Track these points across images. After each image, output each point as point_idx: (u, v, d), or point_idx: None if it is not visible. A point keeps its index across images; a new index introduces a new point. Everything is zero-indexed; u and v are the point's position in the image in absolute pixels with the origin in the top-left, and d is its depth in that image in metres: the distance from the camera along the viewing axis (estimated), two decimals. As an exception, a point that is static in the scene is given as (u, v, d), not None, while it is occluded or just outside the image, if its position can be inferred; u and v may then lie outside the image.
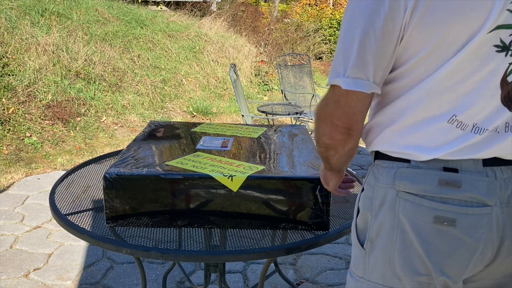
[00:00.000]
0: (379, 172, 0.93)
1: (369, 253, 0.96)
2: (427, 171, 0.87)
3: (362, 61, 0.83)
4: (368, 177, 0.97)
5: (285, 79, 5.45)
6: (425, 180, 0.87)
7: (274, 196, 1.22)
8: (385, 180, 0.92)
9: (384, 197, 0.91)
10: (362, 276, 0.98)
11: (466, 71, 0.83)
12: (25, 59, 5.16)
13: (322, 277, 2.50)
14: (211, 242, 1.34)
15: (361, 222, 0.97)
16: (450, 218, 0.85)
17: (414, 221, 0.88)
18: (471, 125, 0.86)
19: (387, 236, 0.91)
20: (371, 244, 0.95)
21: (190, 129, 1.72)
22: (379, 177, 0.93)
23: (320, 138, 0.94)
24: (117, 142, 4.89)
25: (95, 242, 1.19)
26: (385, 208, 0.91)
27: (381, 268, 0.94)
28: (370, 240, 0.95)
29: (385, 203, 0.91)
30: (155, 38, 7.07)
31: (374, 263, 0.95)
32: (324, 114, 0.91)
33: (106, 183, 1.20)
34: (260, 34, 9.41)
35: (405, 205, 0.88)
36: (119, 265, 2.54)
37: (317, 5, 15.45)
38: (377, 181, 0.93)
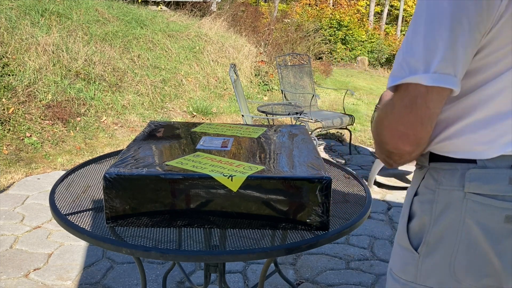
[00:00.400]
0: (439, 175, 0.89)
1: (424, 257, 0.93)
2: (497, 171, 0.84)
3: (453, 54, 0.75)
4: (424, 181, 0.93)
5: (285, 79, 5.45)
6: (496, 180, 0.84)
7: (274, 196, 1.22)
8: (449, 182, 0.88)
9: (448, 200, 0.88)
10: (412, 280, 0.95)
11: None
12: (25, 59, 5.16)
13: (322, 277, 2.50)
14: (211, 242, 1.34)
15: (416, 226, 0.94)
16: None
17: (484, 222, 0.85)
18: None
19: (449, 239, 0.89)
20: (427, 248, 0.92)
21: (190, 129, 1.72)
22: (441, 180, 0.89)
23: (383, 145, 0.89)
24: (117, 142, 4.89)
25: (95, 242, 1.19)
26: (450, 211, 0.88)
27: (439, 272, 0.91)
28: (426, 244, 0.92)
29: (450, 206, 0.87)
30: (155, 38, 7.07)
31: (430, 268, 0.92)
32: (389, 121, 0.83)
33: (106, 183, 1.20)
34: (260, 34, 9.41)
35: (474, 207, 0.85)
36: (119, 265, 2.54)
37: (317, 5, 15.46)
38: (439, 184, 0.89)
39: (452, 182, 0.87)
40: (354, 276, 2.53)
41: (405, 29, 21.48)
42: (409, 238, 0.95)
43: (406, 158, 0.89)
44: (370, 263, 2.67)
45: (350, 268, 2.61)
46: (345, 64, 13.05)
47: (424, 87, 0.76)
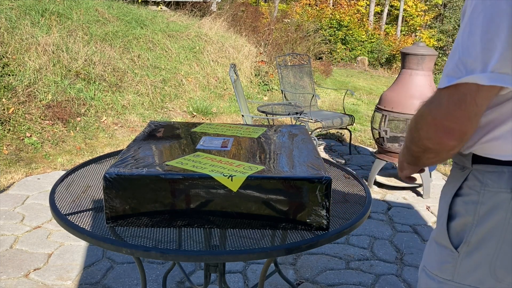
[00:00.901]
0: (484, 177, 0.90)
1: (465, 257, 0.94)
2: None
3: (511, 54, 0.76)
4: (468, 182, 0.94)
5: (285, 79, 5.45)
6: None
7: (274, 196, 1.22)
8: (496, 184, 0.88)
9: (495, 202, 0.89)
10: (450, 278, 0.97)
11: None
12: (25, 59, 5.16)
13: (322, 277, 2.50)
14: (211, 242, 1.34)
15: (458, 226, 0.95)
16: None
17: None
18: None
19: (493, 240, 0.90)
20: (468, 247, 0.93)
21: (190, 129, 1.72)
22: (487, 182, 0.90)
23: (421, 140, 0.89)
24: (117, 142, 4.89)
25: (95, 242, 1.19)
26: (496, 212, 0.89)
27: (479, 271, 0.93)
28: (467, 244, 0.93)
29: (497, 207, 0.88)
30: (155, 38, 7.07)
31: (471, 267, 0.94)
32: (434, 116, 0.83)
33: (106, 183, 1.20)
34: (260, 34, 9.41)
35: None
36: (119, 265, 2.54)
37: (317, 5, 15.46)
38: (484, 186, 0.90)
39: (500, 184, 0.88)
40: (354, 276, 2.53)
41: (405, 29, 21.49)
42: (449, 237, 0.96)
43: (443, 156, 0.90)
44: (370, 263, 2.67)
45: (350, 268, 2.61)
46: (345, 64, 13.05)
47: (475, 85, 0.77)
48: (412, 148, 0.94)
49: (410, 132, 0.92)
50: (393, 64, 14.02)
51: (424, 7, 22.27)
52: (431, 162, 0.95)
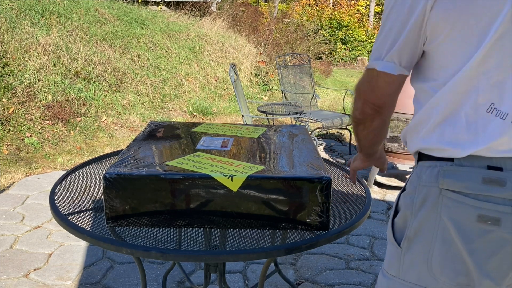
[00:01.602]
0: (421, 172, 0.95)
1: (405, 252, 0.96)
2: (471, 169, 0.87)
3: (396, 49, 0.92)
4: (410, 177, 0.99)
5: (285, 79, 5.45)
6: (469, 178, 0.87)
7: (274, 196, 1.22)
8: (427, 178, 0.93)
9: (426, 196, 0.92)
10: (396, 275, 0.99)
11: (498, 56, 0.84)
12: (25, 59, 5.16)
13: (322, 277, 2.50)
14: (211, 242, 1.34)
15: (400, 221, 0.98)
16: (494, 217, 0.85)
17: (457, 219, 0.87)
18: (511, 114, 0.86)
19: (426, 235, 0.92)
20: (408, 243, 0.95)
21: (190, 129, 1.72)
22: (422, 176, 0.94)
23: (354, 112, 1.03)
24: (117, 142, 4.89)
25: (95, 242, 1.19)
26: (427, 207, 0.91)
27: (418, 267, 0.94)
28: (407, 239, 0.95)
29: (427, 201, 0.91)
30: (155, 38, 7.07)
31: (410, 262, 0.95)
32: (358, 92, 1.00)
33: (106, 183, 1.20)
34: (260, 34, 9.41)
35: (448, 204, 0.88)
36: (119, 265, 2.54)
37: (317, 5, 15.46)
38: (420, 180, 0.94)
39: (430, 178, 0.92)
40: (354, 276, 2.53)
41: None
42: (393, 233, 1.00)
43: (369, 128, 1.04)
44: (370, 263, 2.67)
45: (350, 268, 2.61)
46: (345, 64, 13.05)
47: (375, 70, 0.95)
48: (353, 128, 1.09)
49: (351, 109, 1.06)
50: None
51: (424, 7, 22.25)
52: (365, 138, 1.08)
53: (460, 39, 0.86)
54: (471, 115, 0.88)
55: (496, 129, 0.86)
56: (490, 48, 0.84)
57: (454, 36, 0.87)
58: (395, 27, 0.91)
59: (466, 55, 0.86)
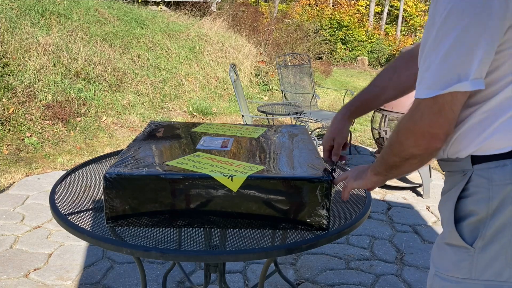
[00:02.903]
0: (489, 173, 0.93)
1: (480, 251, 0.95)
2: None
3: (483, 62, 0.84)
4: (472, 182, 0.96)
5: (285, 79, 5.45)
6: None
7: (274, 196, 1.22)
8: (502, 177, 0.91)
9: (504, 194, 0.91)
10: (467, 276, 0.97)
11: None
12: (25, 59, 5.17)
13: (322, 277, 2.50)
14: (211, 242, 1.34)
15: (472, 224, 0.97)
16: None
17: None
18: None
19: (507, 231, 0.92)
20: (483, 241, 0.95)
21: (190, 129, 1.72)
22: (493, 177, 0.92)
23: (407, 150, 0.96)
24: (117, 142, 4.89)
25: (95, 242, 1.19)
26: (507, 204, 0.91)
27: (497, 264, 0.94)
28: (482, 238, 0.94)
29: (507, 199, 0.91)
30: (155, 38, 7.07)
31: (488, 260, 0.95)
32: (418, 127, 0.91)
33: (106, 183, 1.20)
34: (260, 34, 9.41)
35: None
36: (119, 265, 2.54)
37: (317, 5, 15.45)
38: (491, 181, 0.92)
39: (505, 177, 0.91)
40: (354, 276, 2.53)
41: (405, 29, 21.49)
42: (462, 236, 0.97)
43: (425, 159, 0.97)
44: (370, 263, 2.67)
45: (350, 268, 2.61)
46: (345, 64, 13.05)
47: (450, 95, 0.85)
48: (391, 159, 1.01)
49: (391, 146, 1.00)
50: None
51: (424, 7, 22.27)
52: (412, 168, 1.01)
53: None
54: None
55: None
56: None
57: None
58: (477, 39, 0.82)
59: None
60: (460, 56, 0.83)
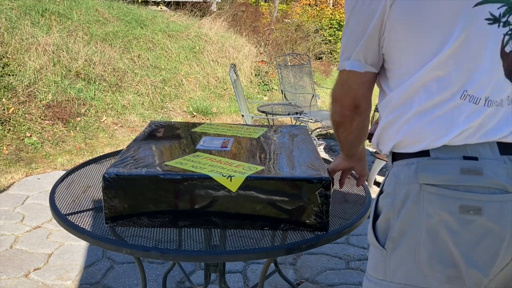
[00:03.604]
0: (398, 171, 0.95)
1: (391, 253, 0.95)
2: (448, 161, 0.88)
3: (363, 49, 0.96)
4: (387, 179, 0.99)
5: (285, 79, 5.45)
6: (447, 170, 0.87)
7: (274, 196, 1.22)
8: (406, 176, 0.92)
9: (406, 194, 0.91)
10: (383, 278, 0.97)
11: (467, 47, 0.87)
12: (25, 59, 5.16)
13: (322, 277, 2.50)
14: (211, 242, 1.34)
15: (382, 223, 0.97)
16: (476, 207, 0.85)
17: (440, 212, 0.87)
18: (483, 99, 0.88)
19: (411, 233, 0.91)
20: (392, 243, 0.94)
21: (191, 129, 1.72)
22: (399, 175, 0.94)
23: (333, 116, 1.08)
24: (117, 142, 4.89)
25: (95, 242, 1.19)
26: (409, 204, 0.91)
27: (405, 266, 0.93)
28: (392, 240, 0.94)
29: (408, 199, 0.91)
30: (155, 38, 7.07)
31: (397, 263, 0.94)
32: (334, 96, 1.05)
33: (105, 183, 1.20)
34: (260, 34, 9.41)
35: (430, 198, 0.88)
36: (119, 265, 2.54)
37: (317, 5, 15.44)
38: (398, 179, 0.94)
39: (409, 175, 0.92)
40: (354, 276, 2.53)
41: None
42: (376, 236, 0.99)
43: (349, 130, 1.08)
44: (370, 263, 2.67)
45: (350, 268, 2.61)
46: (345, 64, 13.02)
47: (345, 72, 0.99)
48: (334, 131, 1.14)
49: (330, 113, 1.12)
50: None
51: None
52: (346, 138, 1.12)
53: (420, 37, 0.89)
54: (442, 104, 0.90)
55: (469, 114, 0.88)
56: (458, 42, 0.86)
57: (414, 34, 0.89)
58: (358, 27, 0.95)
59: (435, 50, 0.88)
60: (349, 43, 0.98)
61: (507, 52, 0.87)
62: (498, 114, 0.90)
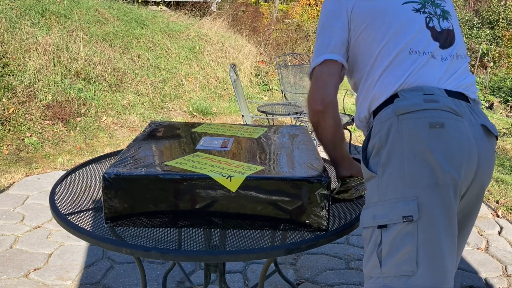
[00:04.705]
0: (380, 116, 1.19)
1: (381, 176, 1.13)
2: (413, 94, 1.17)
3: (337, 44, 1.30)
4: (373, 128, 1.21)
5: (285, 79, 5.45)
6: (415, 100, 1.15)
7: (273, 196, 1.22)
8: (386, 116, 1.17)
9: (389, 126, 1.15)
10: (377, 200, 1.14)
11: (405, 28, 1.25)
12: (25, 59, 5.17)
13: (322, 277, 2.50)
14: (211, 242, 1.34)
15: (375, 158, 1.18)
16: (440, 122, 1.11)
17: (416, 130, 1.11)
18: (423, 52, 1.23)
19: (396, 154, 1.11)
20: (382, 168, 1.14)
21: (191, 129, 1.72)
22: (381, 118, 1.18)
23: (310, 120, 1.33)
24: (117, 142, 4.89)
25: (95, 242, 1.19)
26: (392, 134, 1.14)
27: (394, 183, 1.11)
28: (381, 166, 1.14)
29: (391, 129, 1.14)
30: (155, 38, 7.07)
31: (387, 182, 1.12)
32: (308, 100, 1.31)
33: (105, 183, 1.20)
34: (260, 34, 9.41)
35: (406, 123, 1.13)
36: (119, 265, 2.54)
37: (317, 5, 15.43)
38: (380, 121, 1.18)
39: (388, 114, 1.18)
40: (354, 276, 2.53)
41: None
42: (369, 168, 1.18)
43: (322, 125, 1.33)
44: (370, 263, 2.67)
45: (350, 268, 2.61)
46: (345, 64, 13.02)
47: (318, 67, 1.29)
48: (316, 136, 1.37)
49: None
50: None
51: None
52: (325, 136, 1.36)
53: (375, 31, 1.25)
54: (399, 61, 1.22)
55: (417, 60, 1.22)
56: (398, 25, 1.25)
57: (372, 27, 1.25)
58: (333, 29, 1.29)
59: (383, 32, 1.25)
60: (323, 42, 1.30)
61: (430, 26, 1.26)
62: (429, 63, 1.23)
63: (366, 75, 1.27)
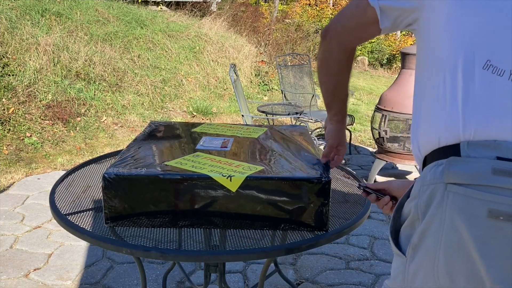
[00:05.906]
0: (426, 173, 0.86)
1: (410, 261, 0.87)
2: (479, 160, 0.78)
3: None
4: (415, 184, 0.90)
5: (285, 79, 5.45)
6: (477, 168, 0.77)
7: (274, 196, 1.22)
8: (432, 177, 0.83)
9: (431, 195, 0.82)
10: (401, 286, 0.90)
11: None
12: (25, 59, 5.17)
13: (322, 277, 2.50)
14: (211, 242, 1.34)
15: (407, 229, 0.90)
16: (508, 212, 0.73)
17: (465, 216, 0.77)
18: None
19: (432, 238, 0.81)
20: (413, 250, 0.86)
21: (191, 129, 1.72)
22: (426, 176, 0.84)
23: (318, 57, 1.14)
24: (117, 142, 4.89)
25: (95, 242, 1.19)
26: (432, 207, 0.81)
27: (424, 274, 0.84)
28: (412, 246, 0.86)
29: (433, 201, 0.81)
30: (155, 38, 7.07)
31: (416, 270, 0.86)
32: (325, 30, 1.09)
33: (105, 183, 1.20)
34: (260, 34, 9.41)
35: (455, 199, 0.78)
36: (119, 265, 2.54)
37: (317, 5, 15.43)
38: (424, 181, 0.85)
39: (435, 175, 0.82)
40: (354, 276, 2.53)
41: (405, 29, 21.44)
42: (400, 244, 0.92)
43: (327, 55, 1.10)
44: (370, 263, 2.67)
45: (350, 268, 2.61)
46: (345, 64, 13.01)
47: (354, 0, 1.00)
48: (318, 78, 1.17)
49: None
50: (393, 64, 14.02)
51: (424, 7, 22.24)
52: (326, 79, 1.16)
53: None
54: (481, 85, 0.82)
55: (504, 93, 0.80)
56: None
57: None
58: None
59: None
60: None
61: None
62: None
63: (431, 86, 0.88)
